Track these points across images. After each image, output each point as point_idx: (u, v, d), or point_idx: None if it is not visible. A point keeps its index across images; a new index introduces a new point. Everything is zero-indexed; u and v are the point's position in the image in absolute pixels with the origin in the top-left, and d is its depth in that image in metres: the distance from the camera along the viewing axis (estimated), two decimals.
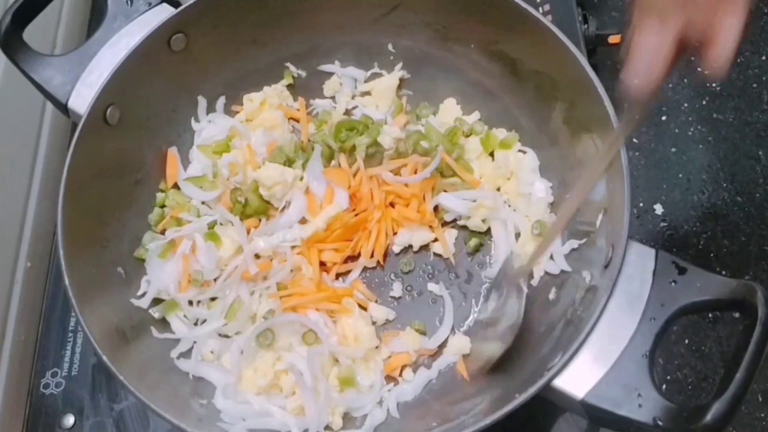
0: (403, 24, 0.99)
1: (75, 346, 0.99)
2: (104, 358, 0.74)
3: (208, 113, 1.02)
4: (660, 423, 0.63)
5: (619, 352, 0.68)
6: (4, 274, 1.00)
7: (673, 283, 0.70)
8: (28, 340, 1.01)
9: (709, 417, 0.59)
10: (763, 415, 0.97)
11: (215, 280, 0.91)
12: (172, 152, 0.98)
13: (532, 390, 0.69)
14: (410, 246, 0.96)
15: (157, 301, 0.90)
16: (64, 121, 1.16)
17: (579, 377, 0.68)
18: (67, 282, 0.77)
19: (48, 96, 0.91)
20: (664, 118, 1.15)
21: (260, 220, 0.96)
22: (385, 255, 0.96)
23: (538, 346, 0.81)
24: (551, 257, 0.88)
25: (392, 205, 0.96)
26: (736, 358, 0.62)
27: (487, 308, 0.90)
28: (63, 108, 0.90)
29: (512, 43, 0.92)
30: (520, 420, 0.82)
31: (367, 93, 1.05)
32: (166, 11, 0.92)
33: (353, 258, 0.95)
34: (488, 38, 0.94)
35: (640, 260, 0.72)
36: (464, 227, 0.97)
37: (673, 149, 1.13)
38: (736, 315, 1.00)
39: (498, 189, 0.97)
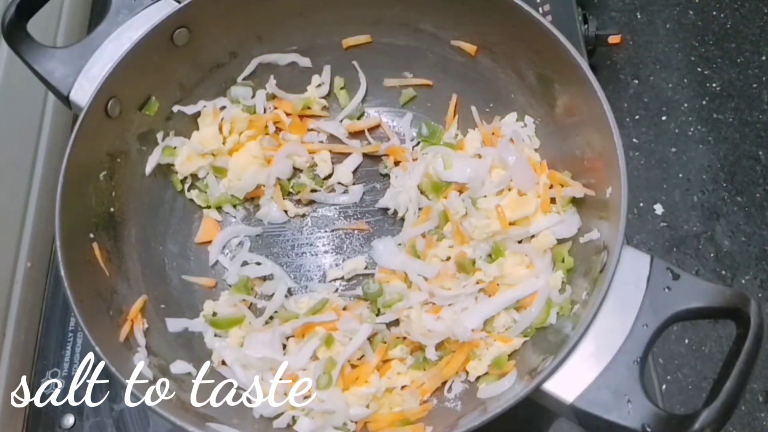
0: (403, 23, 0.99)
1: (75, 346, 1.00)
2: (103, 357, 0.74)
3: None
4: (648, 429, 0.63)
5: (611, 358, 0.68)
6: (4, 274, 1.01)
7: (666, 290, 0.70)
8: (28, 340, 1.01)
9: (697, 425, 0.59)
10: (763, 414, 0.97)
11: None
12: None
13: (522, 393, 0.69)
14: None
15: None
16: (64, 120, 1.17)
17: (569, 381, 0.68)
18: (63, 275, 0.77)
19: (50, 88, 0.91)
20: (664, 118, 1.14)
21: None
22: None
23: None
24: None
25: None
26: (728, 367, 0.62)
27: None
28: (65, 100, 0.90)
29: (511, 44, 0.91)
30: (520, 420, 0.82)
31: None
32: (169, 5, 0.92)
33: None
34: (488, 39, 0.94)
35: (635, 266, 0.72)
36: None
37: (673, 149, 1.12)
38: None
39: None
